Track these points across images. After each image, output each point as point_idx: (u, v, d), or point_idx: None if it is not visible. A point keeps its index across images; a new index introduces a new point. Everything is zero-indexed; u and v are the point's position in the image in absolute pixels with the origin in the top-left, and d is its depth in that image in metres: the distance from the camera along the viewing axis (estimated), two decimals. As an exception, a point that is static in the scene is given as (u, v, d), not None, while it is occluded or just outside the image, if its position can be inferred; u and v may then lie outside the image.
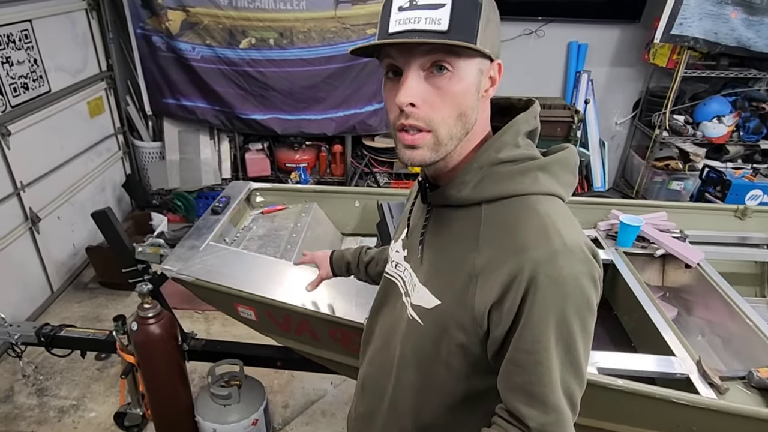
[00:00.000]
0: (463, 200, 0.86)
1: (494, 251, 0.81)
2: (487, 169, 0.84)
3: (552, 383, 0.78)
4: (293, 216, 2.23)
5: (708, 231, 2.38)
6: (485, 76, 0.82)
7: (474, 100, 0.81)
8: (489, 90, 0.84)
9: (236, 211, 2.17)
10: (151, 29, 3.83)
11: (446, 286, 0.87)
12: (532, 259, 0.76)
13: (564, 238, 0.77)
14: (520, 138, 0.87)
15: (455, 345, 0.87)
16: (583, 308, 0.78)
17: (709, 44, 3.61)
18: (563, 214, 0.82)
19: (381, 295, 1.11)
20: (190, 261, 1.72)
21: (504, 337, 0.81)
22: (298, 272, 1.74)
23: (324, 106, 4.05)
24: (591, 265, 0.78)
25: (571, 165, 0.89)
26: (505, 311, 0.78)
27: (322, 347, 1.69)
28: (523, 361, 0.78)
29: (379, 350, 1.06)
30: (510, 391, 0.81)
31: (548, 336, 0.76)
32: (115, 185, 4.25)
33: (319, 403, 2.74)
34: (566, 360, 0.78)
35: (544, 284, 0.75)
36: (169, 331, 2.02)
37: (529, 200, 0.82)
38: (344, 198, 2.36)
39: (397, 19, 0.77)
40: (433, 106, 0.79)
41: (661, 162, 4.18)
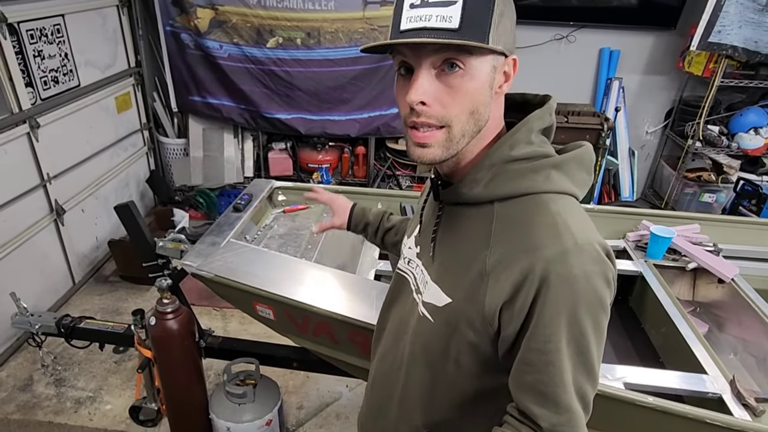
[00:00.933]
0: (475, 198, 0.86)
1: (506, 250, 0.80)
2: (499, 166, 0.84)
3: (564, 383, 0.77)
4: (315, 216, 2.22)
5: (743, 245, 2.30)
6: (499, 72, 0.81)
7: (487, 97, 0.80)
8: (503, 86, 0.83)
9: (258, 209, 2.16)
10: (180, 27, 3.87)
11: (457, 284, 0.87)
12: (544, 257, 0.75)
13: (575, 237, 0.76)
14: (534, 135, 0.85)
15: (465, 343, 0.87)
16: (595, 307, 0.76)
17: (748, 53, 3.50)
18: (576, 213, 0.81)
19: (393, 291, 1.11)
20: (210, 257, 1.71)
21: (515, 336, 0.80)
22: (318, 273, 1.72)
23: (349, 107, 4.05)
24: (604, 264, 0.77)
25: (586, 163, 0.88)
26: (517, 310, 0.78)
27: (340, 350, 1.66)
28: (535, 361, 0.78)
29: (389, 347, 1.06)
30: (521, 391, 0.81)
31: (560, 336, 0.76)
32: (139, 180, 4.30)
33: (333, 405, 2.72)
34: (578, 360, 0.77)
35: (556, 283, 0.74)
36: (187, 327, 2.01)
37: (541, 198, 0.81)
38: (367, 199, 2.34)
39: (409, 17, 0.76)
40: (444, 104, 0.78)
41: (693, 173, 4.08)
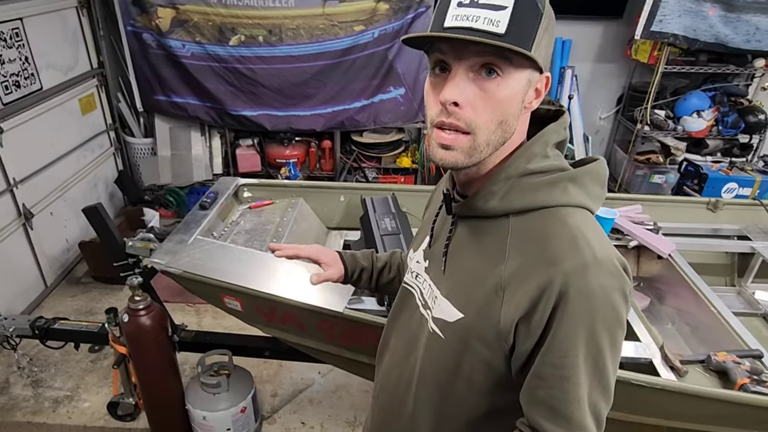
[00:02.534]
0: (490, 212, 0.84)
1: (522, 264, 0.78)
2: (515, 180, 0.82)
3: (578, 400, 0.76)
4: (280, 211, 2.30)
5: (680, 223, 2.46)
6: (532, 88, 0.80)
7: (517, 110, 0.79)
8: (533, 102, 0.82)
9: (224, 206, 2.23)
10: (141, 27, 3.86)
11: (470, 299, 0.84)
12: (563, 271, 0.74)
13: (595, 251, 0.75)
14: (549, 149, 0.85)
15: (478, 360, 0.85)
16: (613, 323, 0.76)
17: (688, 40, 3.67)
18: (593, 227, 0.80)
19: (398, 305, 1.09)
20: (178, 254, 1.78)
21: (531, 351, 0.78)
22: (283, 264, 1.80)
23: (313, 102, 4.10)
24: (622, 279, 0.76)
25: (601, 177, 0.87)
26: (534, 325, 0.76)
27: (308, 336, 1.75)
28: (549, 376, 0.76)
29: (396, 364, 1.03)
30: (533, 406, 0.80)
31: (577, 351, 0.74)
32: (108, 181, 4.29)
33: (306, 391, 2.81)
34: (594, 376, 0.76)
35: (575, 298, 0.73)
36: (160, 322, 2.08)
37: (558, 212, 0.80)
38: (330, 193, 2.43)
39: (455, 15, 0.75)
40: (476, 108, 0.76)
41: (642, 156, 4.26)
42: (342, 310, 1.58)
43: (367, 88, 4.05)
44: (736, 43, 3.68)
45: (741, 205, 2.49)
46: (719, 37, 3.65)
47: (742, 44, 3.68)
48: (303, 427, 2.59)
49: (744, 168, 3.78)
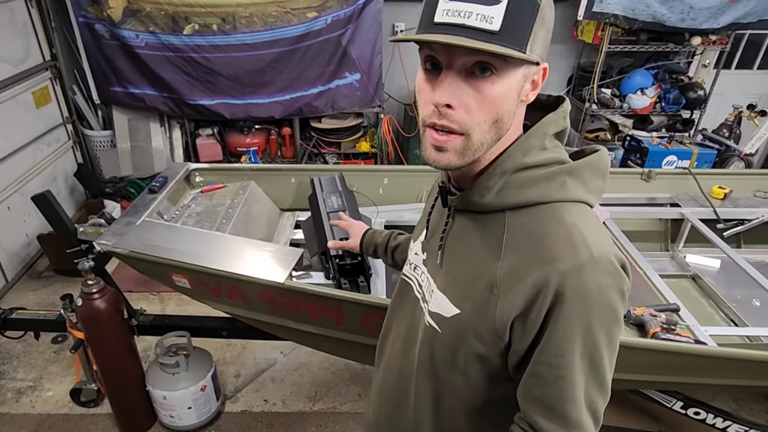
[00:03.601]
0: (485, 206, 0.82)
1: (518, 261, 0.76)
2: (511, 174, 0.79)
3: (574, 398, 0.75)
4: (231, 194, 2.33)
5: (618, 193, 2.57)
6: (528, 81, 0.76)
7: (512, 106, 0.75)
8: (529, 95, 0.78)
9: (175, 190, 2.25)
10: (93, 17, 3.81)
11: (466, 294, 0.83)
12: (559, 271, 0.72)
13: (591, 249, 0.72)
14: (548, 140, 0.81)
15: (473, 354, 0.84)
16: (610, 322, 0.74)
17: (628, 20, 3.78)
18: (591, 224, 0.77)
19: (397, 296, 1.08)
20: (125, 236, 1.80)
21: (527, 349, 0.78)
22: (229, 242, 1.85)
23: (270, 90, 4.11)
24: (619, 277, 0.75)
25: (601, 169, 0.83)
26: (529, 324, 0.75)
27: (254, 309, 1.80)
28: (545, 375, 0.76)
29: (396, 357, 1.02)
30: (530, 404, 0.79)
31: (573, 351, 0.73)
32: (67, 175, 4.23)
33: (269, 371, 2.86)
34: (591, 374, 0.75)
35: (571, 298, 0.71)
36: (114, 305, 2.10)
37: (555, 208, 0.77)
38: (281, 175, 2.46)
39: (445, 9, 0.70)
40: (469, 109, 0.73)
41: (592, 134, 4.40)
42: (282, 280, 1.63)
43: (323, 75, 4.08)
44: (672, 22, 3.80)
45: (672, 174, 2.61)
46: (657, 16, 3.76)
47: (678, 23, 3.80)
48: (265, 404, 2.65)
49: (682, 141, 3.93)
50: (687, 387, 1.86)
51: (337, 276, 1.85)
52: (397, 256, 1.40)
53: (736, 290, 2.18)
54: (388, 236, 1.44)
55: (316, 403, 2.66)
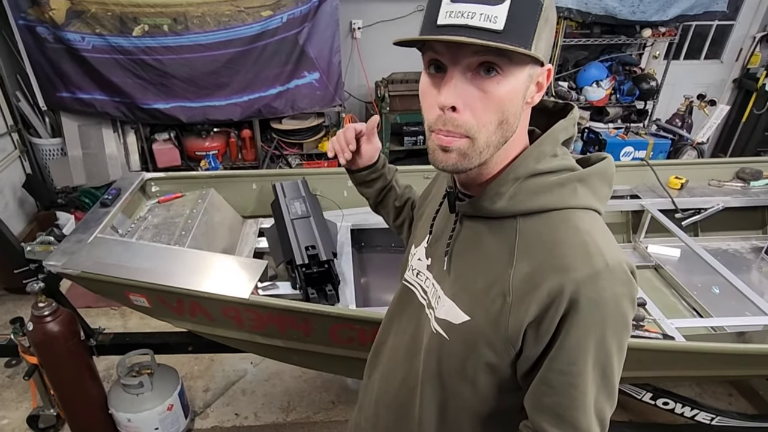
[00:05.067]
0: (497, 212, 0.80)
1: (532, 268, 0.75)
2: (524, 180, 0.78)
3: (584, 406, 0.74)
4: (190, 203, 2.22)
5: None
6: (533, 82, 0.75)
7: (518, 107, 0.74)
8: (534, 97, 0.77)
9: (129, 201, 2.13)
10: (34, 20, 3.59)
11: (477, 302, 0.81)
12: (574, 279, 0.71)
13: (606, 259, 0.71)
14: (558, 147, 0.81)
15: (483, 363, 0.82)
16: (621, 330, 0.74)
17: (581, 14, 3.83)
18: (603, 231, 0.77)
19: (397, 303, 1.04)
20: (76, 255, 1.69)
21: (538, 356, 0.76)
22: (189, 256, 1.76)
23: (227, 91, 3.97)
24: (631, 285, 0.74)
25: (609, 177, 0.83)
26: (542, 331, 0.74)
27: (218, 326, 1.72)
28: (556, 383, 0.75)
29: (398, 365, 0.99)
30: (539, 412, 0.78)
31: (586, 359, 0.73)
32: (15, 187, 3.99)
33: (239, 383, 2.77)
34: (602, 383, 0.75)
35: (586, 307, 0.70)
36: (69, 327, 1.98)
37: (568, 215, 0.76)
38: (242, 181, 2.37)
39: (449, 11, 0.69)
40: (474, 110, 0.72)
41: (551, 126, 4.42)
42: (247, 296, 1.55)
43: (281, 74, 3.97)
44: (623, 15, 3.87)
45: (631, 166, 2.64)
46: (608, 10, 3.82)
47: (629, 15, 3.87)
48: (237, 419, 2.56)
49: (638, 132, 4.00)
50: (656, 380, 1.87)
51: (304, 285, 1.78)
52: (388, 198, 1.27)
53: (696, 278, 2.21)
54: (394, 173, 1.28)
55: (289, 413, 2.58)
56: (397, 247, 2.39)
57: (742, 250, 2.50)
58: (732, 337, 1.78)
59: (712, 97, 4.31)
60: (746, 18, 4.63)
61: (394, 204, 1.27)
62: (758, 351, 1.53)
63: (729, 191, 2.59)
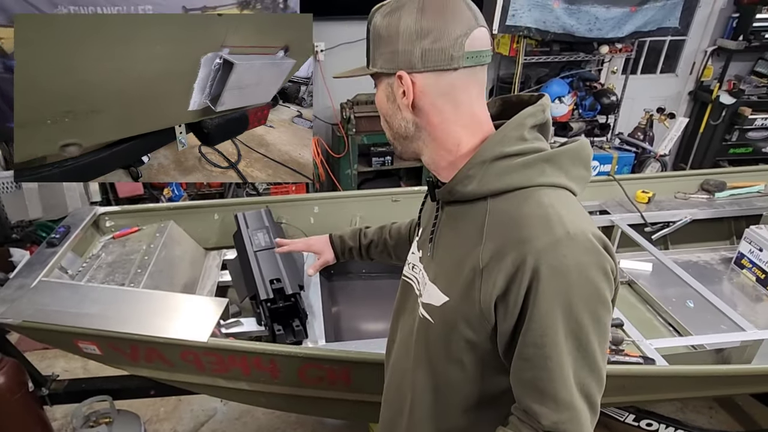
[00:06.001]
0: (468, 195, 0.83)
1: (498, 244, 0.77)
2: (490, 162, 0.80)
3: (563, 379, 0.74)
4: (147, 237, 2.08)
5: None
6: (395, 88, 0.84)
7: (389, 108, 0.87)
8: (404, 99, 0.84)
9: (81, 239, 1.98)
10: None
11: (453, 281, 0.84)
12: (535, 249, 0.72)
13: (567, 227, 0.73)
14: (527, 131, 0.82)
15: (464, 341, 0.83)
16: (593, 300, 0.73)
17: (540, 32, 3.85)
18: (569, 204, 0.78)
19: (399, 299, 1.07)
20: (17, 302, 1.53)
21: (512, 330, 0.77)
22: (144, 298, 1.62)
23: (189, 117, 3.85)
24: (599, 255, 0.74)
25: (582, 158, 0.85)
26: (511, 304, 0.75)
27: (178, 371, 1.58)
28: (532, 356, 0.75)
29: (399, 358, 1.02)
30: (521, 388, 0.79)
31: (556, 329, 0.73)
32: (-35, 223, 3.76)
33: (209, 423, 2.60)
34: (578, 355, 0.74)
35: (547, 275, 0.71)
36: (15, 378, 1.81)
37: (534, 191, 0.79)
38: (202, 212, 2.24)
39: None
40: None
41: (518, 143, 4.41)
42: (206, 339, 1.43)
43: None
44: (581, 32, 3.91)
45: (599, 181, 2.61)
46: (566, 28, 3.85)
47: (586, 33, 3.91)
48: (206, 461, 2.39)
49: (602, 146, 4.01)
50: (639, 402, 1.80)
51: (269, 322, 1.66)
52: (372, 253, 1.41)
53: (670, 292, 2.17)
54: (356, 235, 1.43)
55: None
56: (369, 272, 2.29)
57: (712, 261, 2.48)
58: (711, 354, 1.73)
59: (670, 109, 4.37)
60: (697, 33, 4.74)
61: (379, 251, 1.40)
62: (741, 372, 1.47)
63: (695, 203, 2.58)
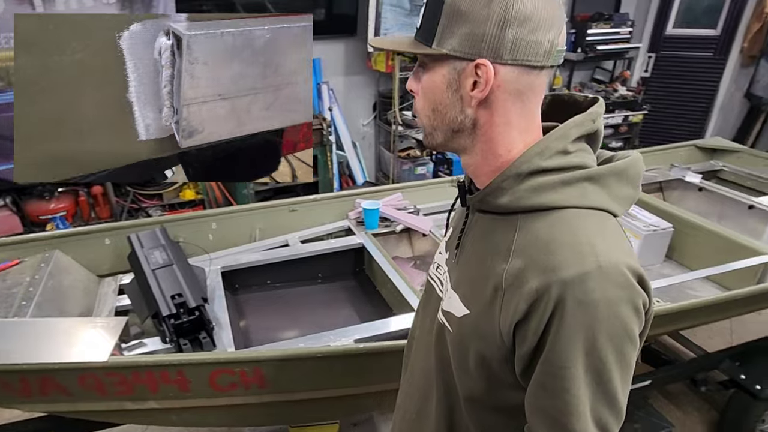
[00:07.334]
0: (500, 208, 0.77)
1: (524, 265, 0.71)
2: (525, 177, 0.73)
3: (578, 412, 0.69)
4: (30, 269, 1.89)
5: (435, 202, 2.66)
6: (464, 75, 0.72)
7: (445, 97, 0.75)
8: (475, 93, 0.73)
9: (-48, 278, 1.76)
10: None
11: (475, 295, 0.79)
12: (562, 280, 0.66)
13: (599, 259, 0.67)
14: (571, 144, 0.74)
15: (479, 355, 0.78)
16: (619, 336, 0.68)
17: (413, 48, 4.06)
18: (606, 231, 0.71)
19: (423, 298, 1.02)
20: None
21: (531, 356, 0.72)
22: (31, 327, 1.48)
23: (70, 147, 3.56)
24: (632, 289, 0.68)
25: (630, 176, 0.76)
26: (530, 331, 0.70)
27: (79, 399, 1.45)
28: (550, 386, 0.70)
29: (421, 358, 0.97)
30: (535, 414, 0.74)
31: (576, 364, 0.67)
32: None
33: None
34: (598, 390, 0.69)
35: (572, 308, 0.66)
36: None
37: (569, 214, 0.71)
38: (91, 238, 2.09)
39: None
40: (419, 97, 0.79)
41: (403, 152, 4.60)
42: (105, 358, 1.34)
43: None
44: (449, 48, 4.16)
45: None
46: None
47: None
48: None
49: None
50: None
51: (175, 337, 1.59)
52: None
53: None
54: None
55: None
56: (273, 283, 2.27)
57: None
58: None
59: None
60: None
61: None
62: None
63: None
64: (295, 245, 2.29)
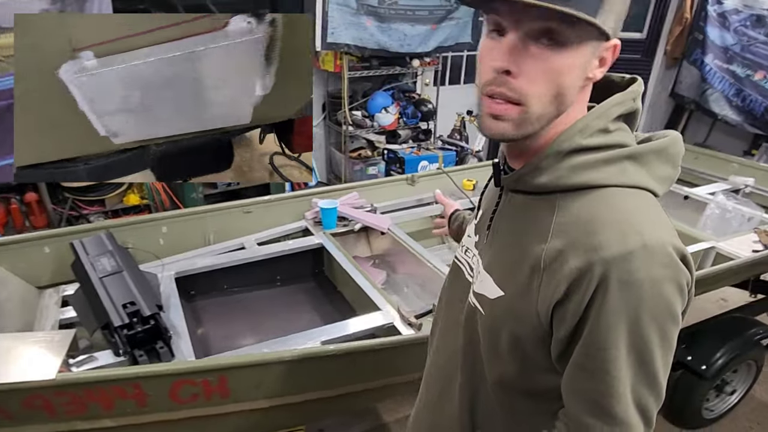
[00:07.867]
0: (538, 188, 0.72)
1: (565, 245, 0.67)
2: (566, 155, 0.69)
3: (620, 395, 0.67)
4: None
5: (391, 200, 2.64)
6: (596, 56, 0.67)
7: (577, 81, 0.67)
8: (596, 72, 0.69)
9: None
10: None
11: (510, 277, 0.74)
12: (604, 259, 0.64)
13: (644, 238, 0.64)
14: (611, 122, 0.71)
15: (513, 337, 0.75)
16: (662, 316, 0.65)
17: (359, 48, 4.03)
18: (649, 211, 0.69)
19: (449, 279, 0.98)
20: None
21: (569, 338, 0.69)
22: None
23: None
24: (677, 269, 0.65)
25: (671, 155, 0.73)
26: (570, 312, 0.67)
27: (24, 423, 1.31)
28: (590, 368, 0.67)
29: (449, 341, 0.93)
30: (574, 397, 0.71)
31: (618, 345, 0.65)
32: None
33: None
34: (640, 371, 0.67)
35: (615, 288, 0.63)
36: None
37: (611, 192, 0.69)
38: (27, 247, 1.91)
39: None
40: (530, 78, 0.64)
41: (354, 153, 4.56)
42: (54, 376, 1.21)
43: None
44: (394, 48, 4.18)
45: (430, 175, 2.79)
46: (381, 44, 4.09)
47: (398, 48, 4.20)
48: None
49: (428, 148, 4.33)
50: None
51: (129, 349, 1.48)
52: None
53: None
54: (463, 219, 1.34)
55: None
56: (231, 288, 2.17)
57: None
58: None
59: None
60: (488, 49, 5.37)
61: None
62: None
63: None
64: (252, 248, 2.20)
